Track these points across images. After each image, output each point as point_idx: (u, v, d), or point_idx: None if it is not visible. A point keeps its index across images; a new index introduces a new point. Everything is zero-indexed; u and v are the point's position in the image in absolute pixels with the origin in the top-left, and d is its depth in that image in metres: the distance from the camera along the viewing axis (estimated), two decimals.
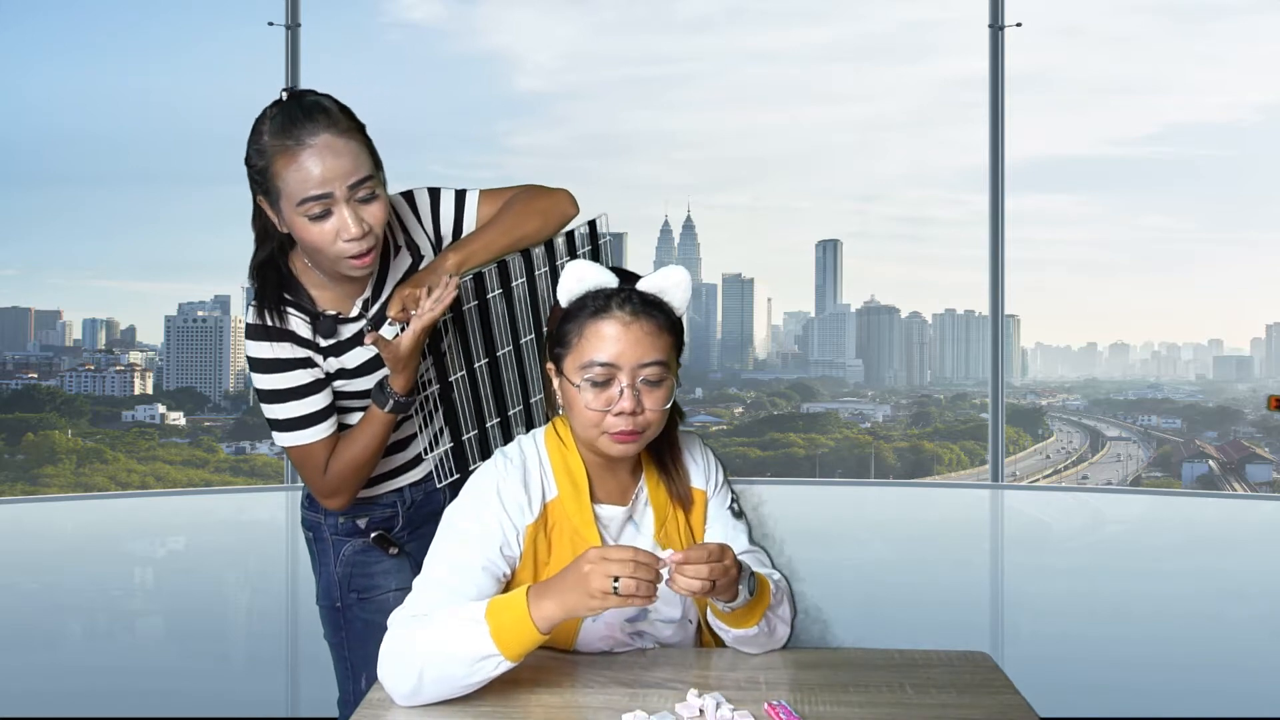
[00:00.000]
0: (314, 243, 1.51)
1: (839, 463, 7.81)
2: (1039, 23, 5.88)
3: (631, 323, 1.37)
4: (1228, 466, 7.62)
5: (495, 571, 1.38)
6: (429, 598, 1.34)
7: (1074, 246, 7.84)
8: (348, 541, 1.74)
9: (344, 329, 1.63)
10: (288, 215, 1.51)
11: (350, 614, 1.73)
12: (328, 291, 1.63)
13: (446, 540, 1.40)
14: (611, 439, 1.38)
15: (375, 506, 1.74)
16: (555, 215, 1.72)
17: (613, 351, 1.36)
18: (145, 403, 7.88)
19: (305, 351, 1.60)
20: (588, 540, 1.43)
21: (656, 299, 1.40)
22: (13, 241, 7.49)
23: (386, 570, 1.73)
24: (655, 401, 1.38)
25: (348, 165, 1.48)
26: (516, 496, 1.41)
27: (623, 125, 7.84)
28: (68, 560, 4.83)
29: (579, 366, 1.37)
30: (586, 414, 1.38)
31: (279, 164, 1.48)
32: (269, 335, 1.58)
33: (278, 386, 1.59)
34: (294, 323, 1.59)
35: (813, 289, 8.52)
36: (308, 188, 1.47)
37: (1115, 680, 3.29)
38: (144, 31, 7.31)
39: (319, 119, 1.48)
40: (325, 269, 1.59)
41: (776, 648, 1.47)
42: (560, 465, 1.44)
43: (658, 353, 1.38)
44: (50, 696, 3.14)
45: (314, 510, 1.76)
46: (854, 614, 3.77)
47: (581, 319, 1.38)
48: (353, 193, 1.49)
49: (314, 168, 1.47)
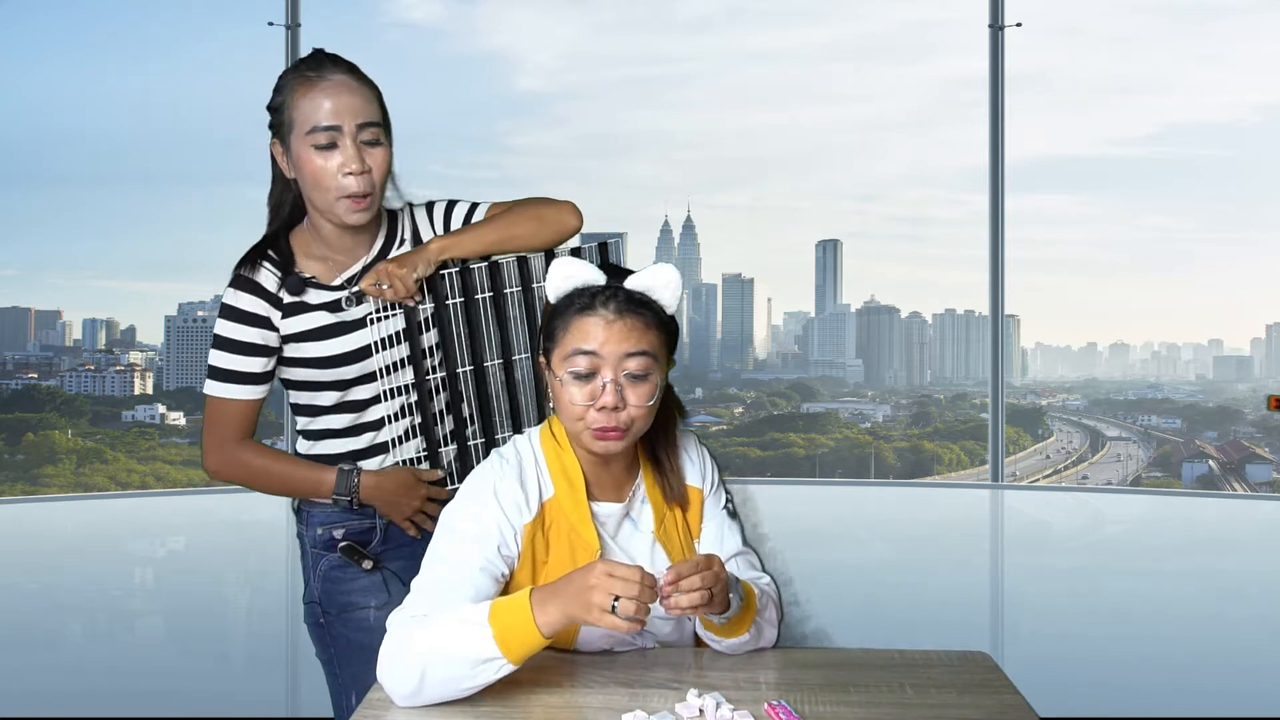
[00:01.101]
0: (316, 176, 1.58)
1: (839, 463, 7.81)
2: (1039, 23, 5.88)
3: (616, 319, 1.37)
4: (1228, 466, 7.63)
5: (493, 571, 1.38)
6: (428, 598, 1.34)
7: (1074, 246, 7.85)
8: (325, 555, 1.72)
9: (314, 294, 1.65)
10: (296, 149, 1.58)
11: (334, 631, 1.71)
12: (316, 263, 1.67)
13: (444, 541, 1.40)
14: (593, 435, 1.38)
15: (354, 517, 1.71)
16: (552, 222, 1.72)
17: (594, 343, 1.36)
18: (145, 403, 7.88)
19: (265, 309, 1.63)
20: (585, 539, 1.43)
21: (644, 297, 1.40)
22: (13, 241, 7.49)
23: (364, 588, 1.70)
24: (639, 397, 1.38)
25: (359, 104, 1.58)
26: (514, 495, 1.41)
27: (623, 125, 7.85)
28: (68, 560, 4.84)
29: (563, 359, 1.38)
30: (570, 408, 1.38)
31: (296, 95, 1.58)
32: (237, 284, 1.64)
33: (225, 334, 1.64)
34: (264, 275, 1.63)
35: (813, 289, 8.53)
36: (319, 117, 1.56)
37: (1115, 680, 3.29)
38: (144, 31, 7.32)
39: (340, 64, 1.60)
40: (324, 217, 1.63)
41: (765, 648, 1.48)
42: (556, 464, 1.45)
43: (643, 345, 1.38)
44: (50, 696, 3.14)
45: (299, 520, 1.75)
46: (854, 614, 3.77)
47: (568, 315, 1.39)
48: (360, 132, 1.57)
49: (326, 100, 1.57)
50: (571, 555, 1.43)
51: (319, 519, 1.71)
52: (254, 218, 1.79)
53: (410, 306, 1.65)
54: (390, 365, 1.67)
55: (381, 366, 1.66)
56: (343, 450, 1.70)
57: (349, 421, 1.69)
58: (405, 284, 1.61)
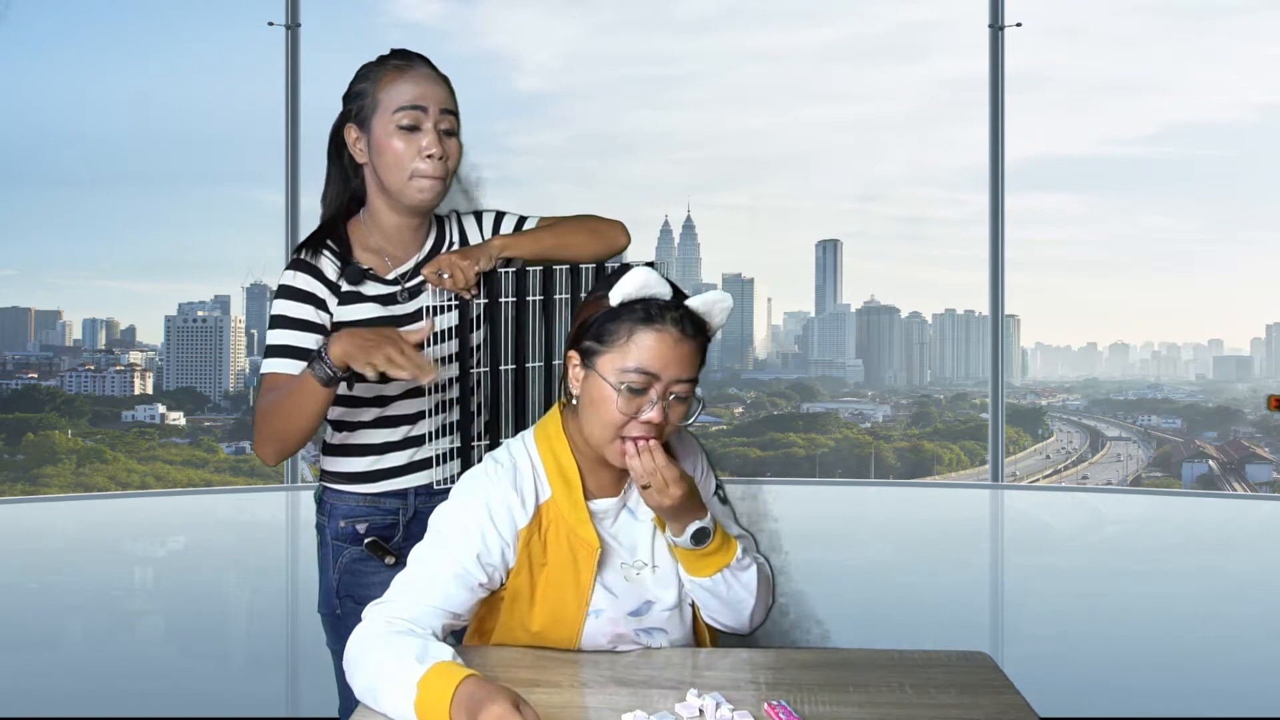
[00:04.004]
0: (395, 158, 1.65)
1: (839, 463, 7.81)
2: (1039, 23, 5.88)
3: (681, 340, 1.39)
4: (1228, 466, 7.63)
5: (469, 580, 1.38)
6: (402, 596, 1.37)
7: (1074, 246, 7.84)
8: (346, 548, 1.74)
9: (369, 286, 1.69)
10: (377, 131, 1.65)
11: (349, 623, 1.72)
12: (371, 256, 1.71)
13: (426, 542, 1.42)
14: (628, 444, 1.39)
15: (376, 511, 1.74)
16: (605, 236, 1.80)
17: (657, 364, 1.38)
18: (145, 403, 7.88)
19: (323, 291, 1.67)
20: (585, 538, 1.43)
21: (702, 320, 1.42)
22: (13, 241, 7.49)
23: (383, 581, 1.71)
24: (677, 416, 1.41)
25: (443, 94, 1.69)
26: (507, 500, 1.41)
27: (623, 125, 7.84)
28: (68, 560, 4.84)
29: (619, 369, 1.38)
30: (615, 416, 1.38)
31: (385, 81, 1.66)
32: (298, 265, 1.68)
33: (283, 312, 1.66)
34: (324, 262, 1.68)
35: (813, 289, 8.52)
36: (407, 97, 1.65)
37: (1115, 680, 3.29)
38: (144, 31, 7.31)
39: (426, 61, 1.71)
40: (392, 200, 1.68)
41: (744, 624, 1.49)
42: (552, 465, 1.45)
43: (693, 372, 1.41)
44: (50, 696, 3.14)
45: (321, 512, 1.77)
46: (854, 614, 3.77)
47: (632, 321, 1.39)
48: (441, 119, 1.67)
49: (417, 86, 1.66)
50: (572, 556, 1.43)
51: (342, 511, 1.74)
52: (254, 218, 1.81)
53: (465, 300, 1.69)
54: (437, 360, 1.71)
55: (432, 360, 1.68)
56: (375, 441, 1.73)
57: (383, 413, 1.72)
58: (466, 275, 1.66)
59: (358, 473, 1.74)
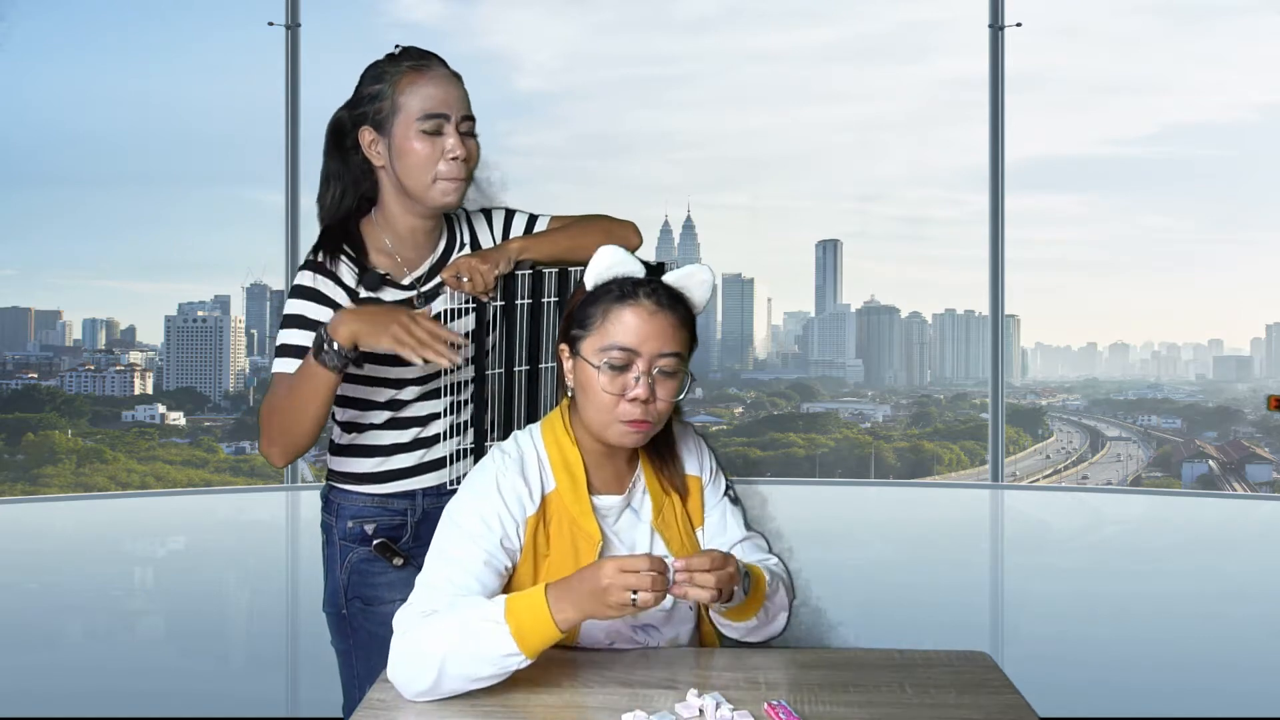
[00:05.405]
0: (418, 161, 1.64)
1: (839, 463, 7.81)
2: (1039, 23, 5.88)
3: (656, 313, 1.40)
4: (1228, 466, 7.63)
5: (497, 566, 1.39)
6: (435, 595, 1.35)
7: (1074, 246, 7.84)
8: (354, 548, 1.74)
9: (387, 292, 1.68)
10: (399, 136, 1.64)
11: (355, 623, 1.73)
12: (385, 259, 1.70)
13: (448, 536, 1.41)
14: (625, 427, 1.39)
15: (385, 513, 1.73)
16: (619, 236, 1.78)
17: (635, 338, 1.39)
18: (145, 403, 7.88)
19: (341, 295, 1.65)
20: (586, 531, 1.44)
21: (680, 294, 1.43)
22: (13, 241, 7.50)
23: (391, 582, 1.72)
24: (667, 392, 1.41)
25: (463, 97, 1.67)
26: (516, 488, 1.42)
27: (623, 125, 7.85)
28: (68, 560, 4.84)
29: (599, 348, 1.40)
30: (602, 397, 1.39)
31: (405, 82, 1.64)
32: (316, 268, 1.66)
33: (298, 311, 1.64)
34: (343, 269, 1.66)
35: (813, 289, 8.53)
36: (432, 104, 1.63)
37: (1115, 680, 3.29)
38: (144, 31, 7.31)
39: (441, 60, 1.68)
40: (413, 203, 1.67)
41: (775, 634, 1.48)
42: (557, 457, 1.46)
43: (676, 345, 1.41)
44: (50, 696, 3.13)
45: (327, 511, 1.76)
46: (854, 614, 3.77)
47: (607, 302, 1.41)
48: (462, 123, 1.65)
49: (437, 89, 1.64)
50: (573, 548, 1.44)
51: (350, 511, 1.73)
52: (254, 218, 1.80)
53: (483, 303, 1.69)
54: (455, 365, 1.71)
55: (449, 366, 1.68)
56: (384, 442, 1.72)
57: (396, 415, 1.72)
58: (485, 279, 1.65)
59: (365, 473, 1.74)
